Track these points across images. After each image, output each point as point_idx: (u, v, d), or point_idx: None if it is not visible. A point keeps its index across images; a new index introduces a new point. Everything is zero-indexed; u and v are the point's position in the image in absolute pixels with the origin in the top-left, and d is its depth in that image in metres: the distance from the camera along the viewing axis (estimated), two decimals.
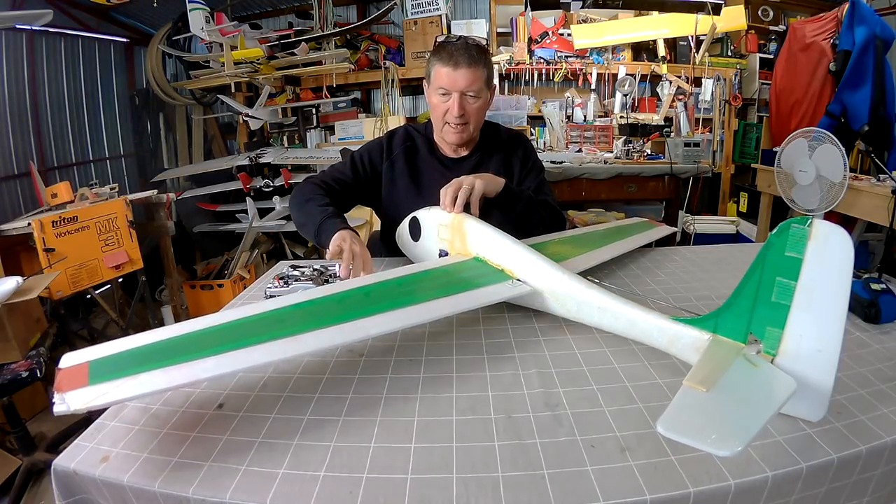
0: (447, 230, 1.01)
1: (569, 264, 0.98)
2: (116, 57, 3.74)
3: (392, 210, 1.34)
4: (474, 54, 1.18)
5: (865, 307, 0.85)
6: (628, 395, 0.65)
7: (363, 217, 3.39)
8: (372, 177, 1.35)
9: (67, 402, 0.52)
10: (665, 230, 1.36)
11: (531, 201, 1.22)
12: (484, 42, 1.27)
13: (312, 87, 3.63)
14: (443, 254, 1.03)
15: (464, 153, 1.36)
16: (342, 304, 0.77)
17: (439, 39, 1.24)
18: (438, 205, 1.04)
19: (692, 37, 3.40)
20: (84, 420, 0.93)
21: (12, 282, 1.57)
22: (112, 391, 0.54)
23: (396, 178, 1.34)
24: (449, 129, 1.25)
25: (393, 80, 3.50)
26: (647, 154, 3.17)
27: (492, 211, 1.10)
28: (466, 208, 1.02)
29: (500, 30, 3.66)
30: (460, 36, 1.22)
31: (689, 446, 0.45)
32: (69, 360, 0.61)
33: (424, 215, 1.08)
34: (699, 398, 0.51)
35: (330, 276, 1.01)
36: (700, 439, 0.44)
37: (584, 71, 3.57)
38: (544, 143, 3.50)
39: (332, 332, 0.67)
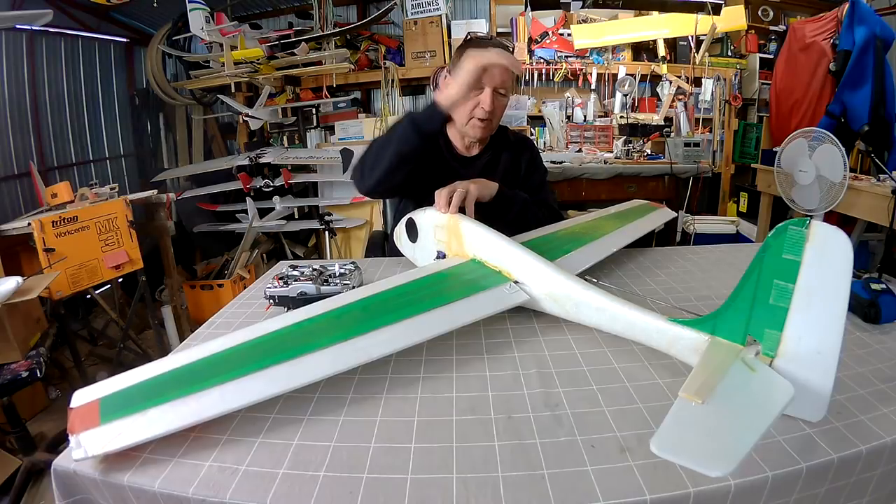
0: (443, 231, 1.01)
1: (573, 256, 0.98)
2: (116, 57, 3.73)
3: (415, 202, 1.30)
4: (509, 55, 1.21)
5: (865, 307, 0.85)
6: (628, 395, 0.65)
7: (363, 217, 3.40)
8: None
9: (84, 446, 0.55)
10: (666, 214, 1.36)
11: (527, 204, 1.23)
12: (511, 48, 1.29)
13: (312, 87, 3.62)
14: (440, 255, 1.02)
15: (475, 152, 1.36)
16: (341, 320, 0.76)
17: (472, 36, 1.25)
18: (433, 206, 1.04)
19: (692, 37, 3.40)
20: None
21: (12, 282, 1.57)
22: (125, 432, 0.56)
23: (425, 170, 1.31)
24: (475, 123, 1.25)
25: (393, 81, 3.49)
26: (647, 154, 3.17)
27: (487, 215, 1.09)
28: (462, 211, 1.02)
29: (500, 30, 3.65)
30: (492, 35, 1.22)
31: None
32: (80, 398, 0.63)
33: (420, 217, 1.08)
34: (694, 412, 0.50)
35: (329, 276, 1.00)
36: (693, 459, 0.44)
37: (584, 71, 3.56)
38: (544, 143, 3.50)
39: (333, 353, 0.67)
